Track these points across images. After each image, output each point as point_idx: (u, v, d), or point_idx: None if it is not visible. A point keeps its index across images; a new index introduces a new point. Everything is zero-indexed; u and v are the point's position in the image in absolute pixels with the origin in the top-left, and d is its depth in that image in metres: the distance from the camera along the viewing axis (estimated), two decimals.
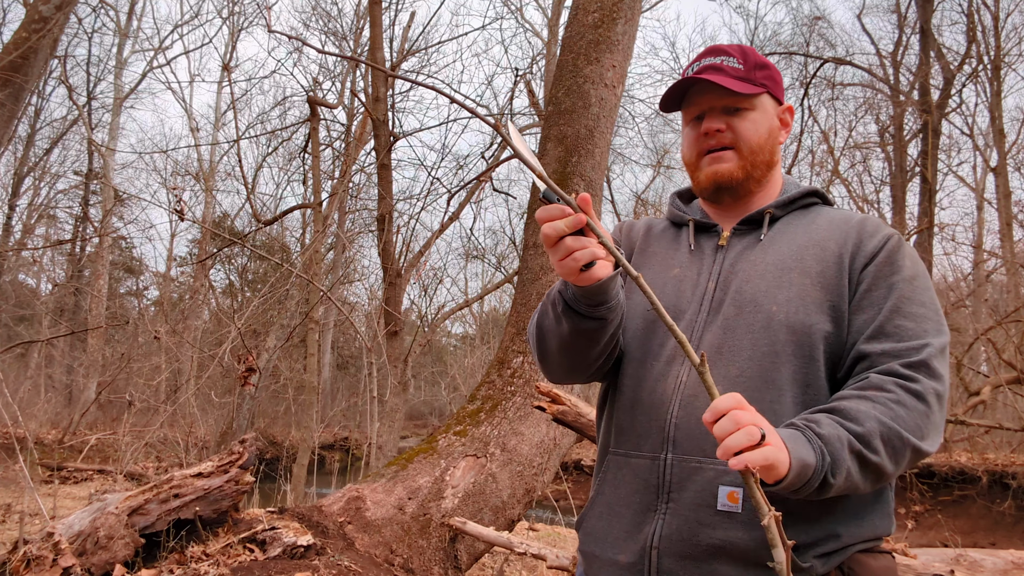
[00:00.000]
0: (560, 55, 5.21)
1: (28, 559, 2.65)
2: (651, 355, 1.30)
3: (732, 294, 1.27)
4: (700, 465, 1.19)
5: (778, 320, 1.21)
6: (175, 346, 10.98)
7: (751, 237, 1.35)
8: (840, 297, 1.22)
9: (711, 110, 1.35)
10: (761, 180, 1.37)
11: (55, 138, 19.96)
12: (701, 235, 1.40)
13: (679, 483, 1.20)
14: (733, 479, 1.16)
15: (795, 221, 1.35)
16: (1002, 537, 8.47)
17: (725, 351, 1.23)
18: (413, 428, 20.61)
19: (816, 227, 1.32)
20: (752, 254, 1.31)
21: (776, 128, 1.38)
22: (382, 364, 8.57)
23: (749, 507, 1.13)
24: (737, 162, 1.34)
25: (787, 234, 1.32)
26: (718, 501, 1.16)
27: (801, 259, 1.27)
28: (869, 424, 1.08)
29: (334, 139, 13.03)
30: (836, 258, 1.25)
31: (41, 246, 20.31)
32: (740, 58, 1.36)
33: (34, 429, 12.40)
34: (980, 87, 17.12)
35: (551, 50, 14.12)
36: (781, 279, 1.25)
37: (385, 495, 3.77)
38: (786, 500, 1.10)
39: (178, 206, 4.84)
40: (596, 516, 1.32)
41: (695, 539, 1.17)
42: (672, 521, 1.19)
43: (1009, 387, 8.60)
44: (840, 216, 1.34)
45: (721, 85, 1.31)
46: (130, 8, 19.43)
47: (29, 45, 6.71)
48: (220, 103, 20.72)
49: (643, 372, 1.30)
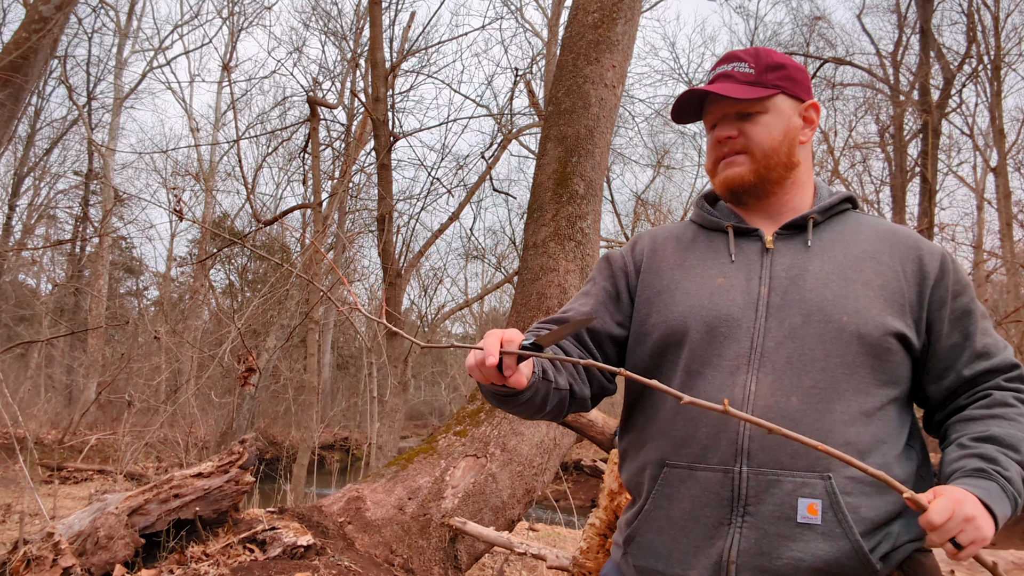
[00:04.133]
0: (560, 55, 5.21)
1: (28, 559, 2.65)
2: (711, 365, 1.26)
3: (796, 302, 1.26)
4: (778, 478, 1.17)
5: (849, 331, 1.22)
6: (175, 346, 10.98)
7: (797, 242, 1.34)
8: (904, 309, 1.26)
9: (724, 118, 1.37)
10: (781, 181, 1.37)
11: (55, 138, 19.97)
12: (741, 239, 1.37)
13: (756, 496, 1.18)
14: (812, 491, 1.16)
15: (837, 228, 1.36)
16: (1002, 537, 8.46)
17: (795, 361, 1.22)
18: (413, 428, 20.62)
19: (864, 237, 1.33)
20: (806, 261, 1.30)
21: (795, 127, 1.37)
22: (382, 364, 8.57)
23: (829, 518, 1.15)
24: (749, 165, 1.35)
25: (836, 242, 1.33)
26: (798, 513, 1.15)
27: (860, 270, 1.28)
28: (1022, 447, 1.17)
29: (334, 139, 13.02)
30: (893, 272, 1.28)
31: (41, 246, 20.31)
32: (752, 62, 1.36)
33: (34, 429, 12.41)
34: (980, 87, 17.13)
35: (551, 50, 14.11)
36: (847, 289, 1.25)
37: (385, 495, 3.77)
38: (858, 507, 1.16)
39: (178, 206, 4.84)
40: (655, 531, 1.26)
41: (775, 552, 1.15)
42: (750, 535, 1.17)
43: None
44: (883, 227, 1.36)
45: (725, 95, 1.32)
46: (130, 8, 19.43)
47: (29, 45, 6.71)
48: (220, 103, 20.72)
49: (702, 383, 1.26)
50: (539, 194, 4.85)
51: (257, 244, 14.92)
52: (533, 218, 4.81)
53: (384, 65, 9.44)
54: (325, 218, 10.25)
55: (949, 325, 1.28)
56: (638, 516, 1.30)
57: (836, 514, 1.14)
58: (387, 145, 8.99)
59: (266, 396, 14.57)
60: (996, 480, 1.12)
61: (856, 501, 1.16)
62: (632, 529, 1.30)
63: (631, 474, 1.36)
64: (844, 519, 1.14)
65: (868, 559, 1.14)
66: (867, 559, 1.14)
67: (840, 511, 1.14)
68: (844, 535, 1.14)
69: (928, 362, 1.30)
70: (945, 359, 1.28)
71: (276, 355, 9.81)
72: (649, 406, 1.35)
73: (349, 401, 18.10)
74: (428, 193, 11.53)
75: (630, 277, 1.43)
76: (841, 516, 1.14)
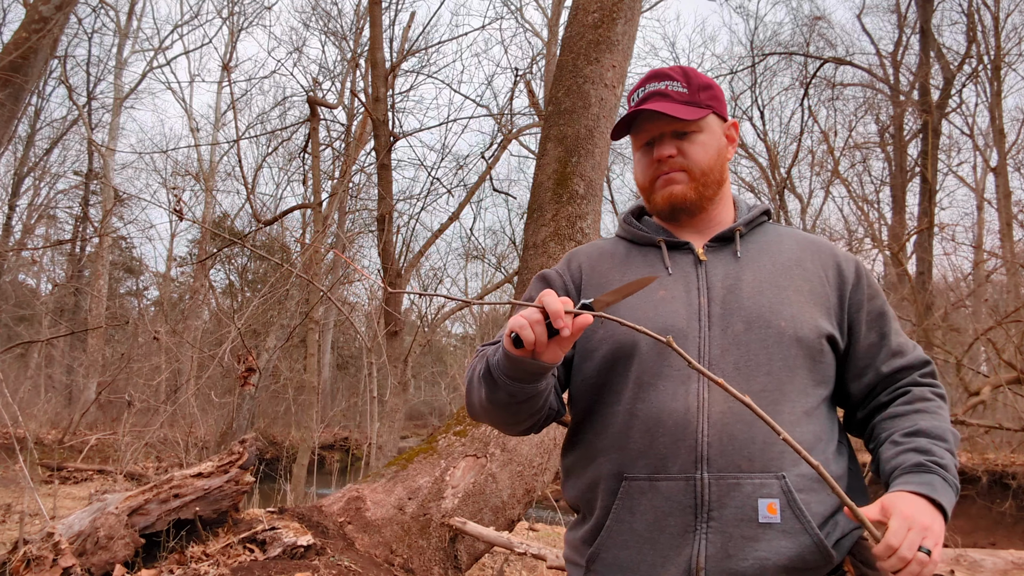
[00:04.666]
0: (560, 55, 5.21)
1: (28, 559, 2.65)
2: (661, 376, 1.28)
3: (735, 310, 1.31)
4: (737, 481, 1.21)
5: (788, 335, 1.28)
6: (175, 346, 10.98)
7: (726, 253, 1.40)
8: (830, 312, 1.35)
9: (661, 136, 1.40)
10: (713, 198, 1.42)
11: (55, 138, 19.98)
12: (673, 252, 1.42)
13: (719, 501, 1.21)
14: (770, 491, 1.21)
15: (760, 239, 1.43)
16: (1002, 537, 8.47)
17: (743, 366, 1.27)
18: (413, 428, 20.61)
19: (787, 246, 1.42)
20: (738, 271, 1.36)
21: (724, 146, 1.44)
22: (382, 364, 8.57)
23: (787, 516, 1.20)
24: (689, 183, 1.39)
25: (763, 252, 1.40)
26: (759, 514, 1.20)
27: (790, 277, 1.36)
28: (948, 437, 1.26)
29: (334, 139, 13.02)
30: (818, 278, 1.37)
31: (41, 246, 20.31)
32: (684, 81, 1.40)
33: (34, 429, 12.40)
34: (980, 87, 17.14)
35: (551, 50, 14.11)
36: (780, 296, 1.33)
37: (385, 495, 3.77)
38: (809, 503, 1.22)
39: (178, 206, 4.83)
40: (619, 546, 1.27)
41: (741, 554, 1.19)
42: (716, 539, 1.20)
43: (1009, 387, 8.59)
44: (801, 236, 1.46)
45: (673, 108, 1.36)
46: (130, 8, 19.44)
47: (29, 45, 6.71)
48: (220, 103, 20.72)
49: (655, 394, 1.28)
50: (539, 194, 4.85)
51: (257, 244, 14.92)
52: (533, 218, 4.81)
53: (384, 65, 9.44)
54: (325, 218, 10.24)
55: (867, 326, 1.38)
56: (599, 533, 1.30)
57: (794, 511, 1.20)
58: (387, 145, 8.99)
59: (266, 396, 14.57)
60: (936, 472, 1.18)
61: (808, 497, 1.21)
62: (595, 546, 1.30)
63: (580, 491, 1.36)
64: (802, 515, 1.20)
65: (828, 550, 1.19)
66: (827, 550, 1.19)
67: (797, 508, 1.20)
68: (804, 530, 1.19)
69: (849, 361, 1.38)
70: (864, 357, 1.37)
71: (276, 355, 9.81)
72: (598, 421, 1.35)
73: (349, 401, 18.09)
74: (428, 193, 11.53)
75: (570, 294, 1.43)
76: (799, 512, 1.20)
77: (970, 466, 9.45)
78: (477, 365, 1.35)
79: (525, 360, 1.17)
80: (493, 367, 1.24)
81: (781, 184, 19.55)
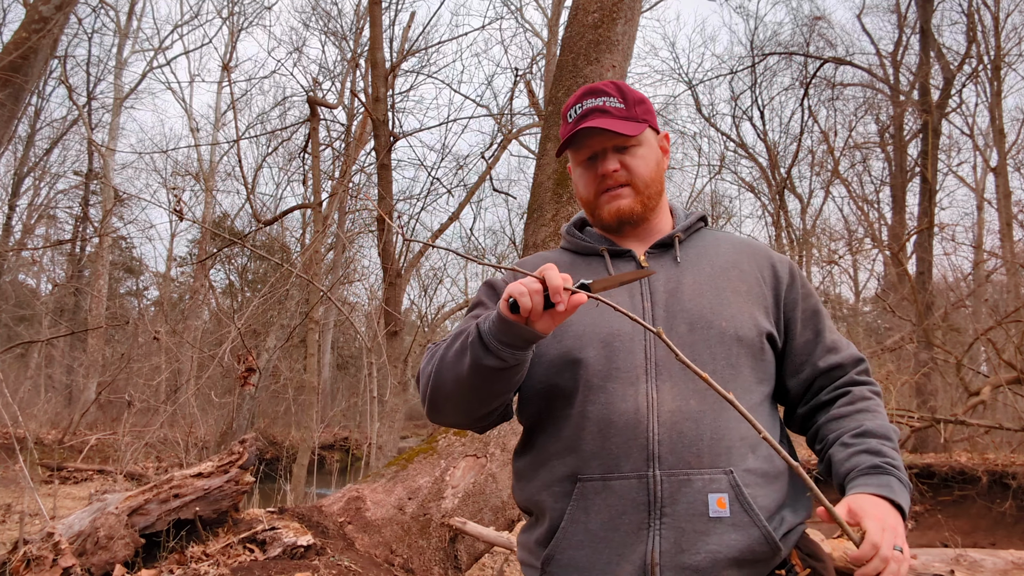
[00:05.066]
0: (560, 55, 5.21)
1: (28, 559, 2.65)
2: (611, 379, 1.31)
3: (678, 312, 1.35)
4: (688, 477, 1.24)
5: (729, 335, 1.33)
6: (175, 346, 10.98)
7: (667, 259, 1.45)
8: (767, 310, 1.41)
9: (604, 151, 1.44)
10: (655, 208, 1.48)
11: (55, 138, 19.98)
12: (616, 260, 1.47)
13: (671, 497, 1.24)
14: (719, 486, 1.24)
15: (698, 243, 1.49)
16: (1002, 537, 8.46)
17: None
18: (413, 428, 20.61)
19: (724, 249, 1.48)
20: (679, 275, 1.41)
21: (660, 158, 1.50)
22: (382, 364, 8.57)
23: (736, 509, 1.23)
24: (635, 197, 1.45)
25: (701, 256, 1.45)
26: (709, 509, 1.23)
27: (728, 279, 1.41)
28: (892, 435, 1.31)
29: (334, 139, 13.02)
30: (755, 278, 1.43)
31: (41, 246, 20.31)
32: (619, 97, 1.45)
33: (34, 429, 12.40)
34: (980, 87, 17.14)
35: (551, 50, 14.11)
36: (720, 297, 1.37)
37: (385, 495, 3.77)
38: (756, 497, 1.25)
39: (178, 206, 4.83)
40: (575, 546, 1.29)
41: (693, 548, 1.22)
42: (669, 535, 1.23)
43: (1009, 387, 8.60)
44: (736, 240, 1.52)
45: (615, 123, 1.40)
46: (130, 8, 19.44)
47: (29, 45, 6.71)
48: (220, 103, 20.72)
49: (605, 396, 1.30)
50: (539, 194, 4.85)
51: (257, 244, 14.92)
52: (533, 218, 4.81)
53: (384, 65, 9.44)
54: (325, 218, 10.24)
55: (802, 324, 1.43)
56: (554, 534, 1.31)
57: (742, 504, 1.23)
58: (387, 145, 8.99)
59: (266, 396, 14.57)
60: (892, 473, 1.24)
61: (755, 492, 1.25)
62: (550, 548, 1.32)
63: (531, 493, 1.39)
64: (750, 508, 1.23)
65: (776, 542, 1.23)
66: (775, 542, 1.23)
67: (745, 501, 1.24)
68: (752, 523, 1.23)
69: (787, 358, 1.44)
70: (801, 354, 1.43)
71: (276, 355, 9.81)
72: (550, 425, 1.37)
73: (349, 401, 18.09)
74: (428, 193, 11.54)
75: None
76: (747, 506, 1.23)
77: (970, 466, 9.44)
78: (452, 343, 1.32)
79: (519, 325, 1.18)
80: (485, 333, 1.22)
81: (781, 184, 19.55)
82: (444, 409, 1.38)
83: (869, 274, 20.65)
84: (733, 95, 20.75)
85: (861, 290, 21.41)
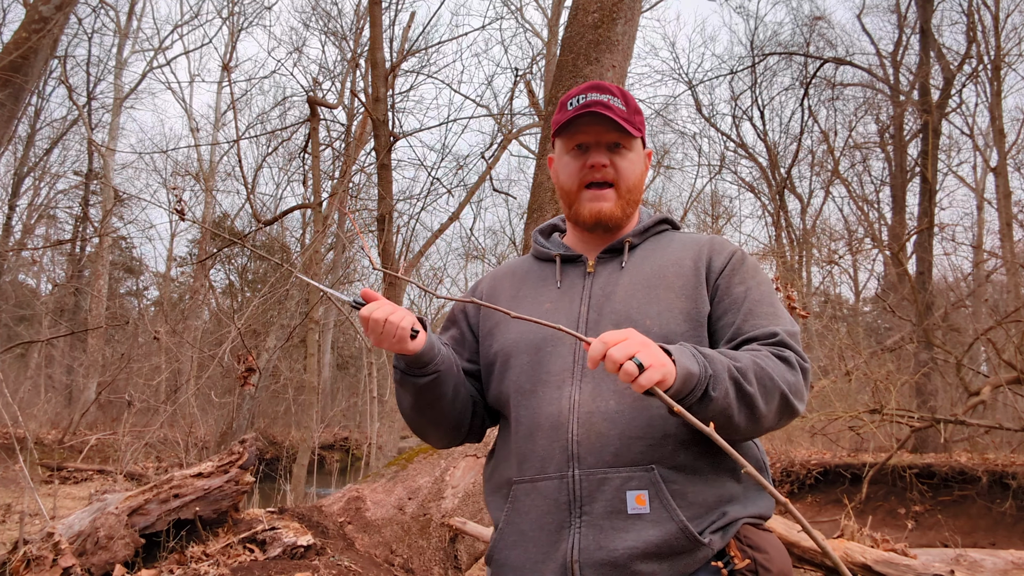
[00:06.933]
0: (560, 55, 5.21)
1: (28, 559, 2.65)
2: (540, 383, 1.36)
3: (607, 314, 1.38)
4: (606, 475, 1.26)
5: (653, 332, 1.33)
6: (175, 346, 10.98)
7: (614, 263, 1.47)
8: (699, 303, 1.39)
9: (597, 144, 1.45)
10: (630, 217, 1.51)
11: (55, 138, 19.97)
12: (568, 266, 1.51)
13: (589, 496, 1.26)
14: (639, 483, 1.25)
15: (651, 246, 1.50)
16: (1002, 537, 8.46)
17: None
18: None
19: (672, 248, 1.48)
20: (618, 278, 1.44)
21: (644, 171, 1.52)
22: (382, 364, 8.57)
23: (656, 506, 1.24)
24: (617, 201, 1.46)
25: (647, 258, 1.47)
26: (627, 506, 1.25)
27: (663, 276, 1.42)
28: (745, 361, 1.24)
29: (334, 139, 13.02)
30: (693, 271, 1.42)
31: (41, 246, 20.31)
32: (623, 100, 1.46)
33: (34, 429, 12.40)
34: (980, 87, 17.15)
35: (551, 50, 14.11)
36: (649, 295, 1.39)
37: (385, 495, 3.77)
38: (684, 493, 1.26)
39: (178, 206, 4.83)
40: (508, 546, 1.34)
41: (611, 545, 1.23)
42: (588, 533, 1.25)
43: (1009, 387, 8.60)
44: (690, 238, 1.52)
45: (615, 120, 1.41)
46: (130, 8, 19.43)
47: (29, 45, 6.71)
48: (220, 103, 20.72)
49: (535, 401, 1.36)
50: (539, 194, 4.85)
51: (257, 244, 14.92)
52: (533, 218, 4.81)
53: (384, 65, 9.44)
54: (325, 218, 10.24)
55: (724, 307, 1.39)
56: (495, 535, 1.38)
57: (662, 501, 1.24)
58: (387, 145, 8.99)
59: (266, 396, 14.56)
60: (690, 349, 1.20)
61: (682, 488, 1.26)
62: (490, 548, 1.38)
63: (487, 496, 1.46)
64: (668, 504, 1.24)
65: (694, 536, 1.22)
66: (693, 536, 1.22)
67: (665, 498, 1.24)
68: (670, 518, 1.23)
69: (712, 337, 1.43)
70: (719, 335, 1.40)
71: (276, 355, 9.80)
72: (500, 431, 1.46)
73: (349, 401, 18.09)
74: (428, 193, 11.52)
75: (470, 318, 1.57)
76: (666, 502, 1.24)
77: (970, 466, 9.44)
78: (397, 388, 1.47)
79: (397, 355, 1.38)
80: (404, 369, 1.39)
81: (781, 184, 19.56)
82: (422, 434, 1.53)
83: (869, 274, 20.66)
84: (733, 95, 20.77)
85: (861, 290, 21.42)
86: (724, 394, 1.18)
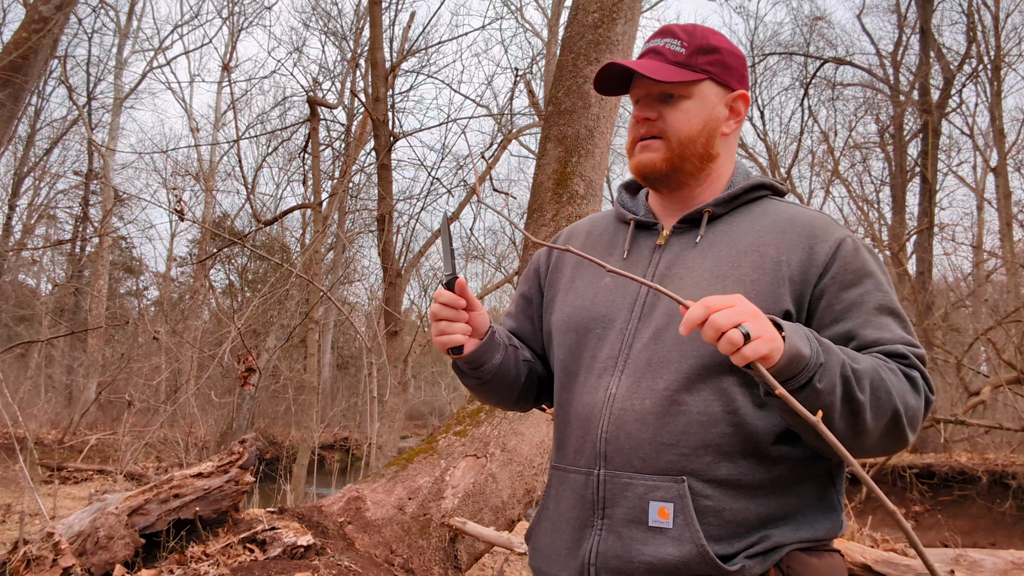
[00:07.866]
0: (560, 55, 5.21)
1: (28, 559, 2.65)
2: (584, 367, 1.27)
3: (665, 302, 1.22)
4: (631, 481, 1.17)
5: None
6: (175, 346, 10.98)
7: (688, 237, 1.29)
8: (774, 304, 1.17)
9: (647, 96, 1.29)
10: (696, 173, 1.29)
11: (55, 138, 19.97)
12: (641, 233, 1.34)
13: (612, 499, 1.18)
14: (664, 494, 1.14)
15: (737, 220, 1.28)
16: (1002, 537, 8.46)
17: (653, 363, 1.19)
18: (413, 428, 20.60)
19: (760, 228, 1.25)
20: (688, 258, 1.26)
21: (718, 117, 1.28)
22: (382, 364, 8.57)
23: (680, 522, 1.13)
24: (664, 153, 1.27)
25: (728, 235, 1.26)
26: (649, 517, 1.15)
27: (738, 266, 1.21)
28: (865, 365, 1.07)
29: (334, 139, 13.01)
30: (774, 265, 1.19)
31: (41, 246, 20.31)
32: (686, 40, 1.27)
33: (34, 429, 12.40)
34: (980, 87, 17.14)
35: (551, 50, 14.12)
36: (715, 287, 1.19)
37: (385, 495, 3.77)
38: (720, 511, 1.13)
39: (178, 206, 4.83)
40: (542, 532, 1.31)
41: (628, 556, 1.15)
42: (607, 538, 1.18)
43: (1009, 387, 8.60)
44: (787, 215, 1.27)
45: (643, 74, 1.24)
46: (130, 8, 19.44)
47: (29, 45, 6.71)
48: (220, 103, 20.72)
49: (576, 385, 1.28)
50: (539, 194, 4.85)
51: (257, 244, 14.91)
52: (533, 218, 4.81)
53: (384, 65, 9.44)
54: (325, 218, 10.25)
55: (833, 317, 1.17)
56: (535, 518, 1.35)
57: (686, 518, 1.12)
58: (387, 145, 8.99)
59: (266, 396, 14.56)
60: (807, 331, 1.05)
61: (718, 504, 1.13)
62: (529, 529, 1.36)
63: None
64: (692, 522, 1.12)
65: (715, 563, 1.10)
66: (714, 562, 1.10)
67: (689, 514, 1.12)
68: (691, 539, 1.11)
69: None
70: None
71: (276, 355, 9.80)
72: (555, 416, 1.39)
73: (349, 401, 18.07)
74: (428, 193, 11.51)
75: (541, 278, 1.47)
76: (690, 519, 1.12)
77: (970, 466, 9.45)
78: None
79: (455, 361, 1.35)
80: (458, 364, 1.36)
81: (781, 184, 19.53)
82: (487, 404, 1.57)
83: None
84: None
85: None
86: (830, 390, 1.02)
